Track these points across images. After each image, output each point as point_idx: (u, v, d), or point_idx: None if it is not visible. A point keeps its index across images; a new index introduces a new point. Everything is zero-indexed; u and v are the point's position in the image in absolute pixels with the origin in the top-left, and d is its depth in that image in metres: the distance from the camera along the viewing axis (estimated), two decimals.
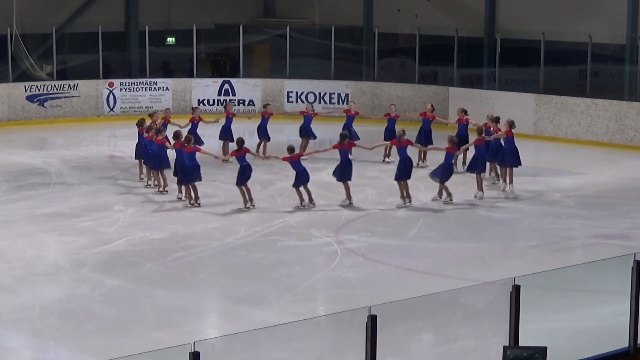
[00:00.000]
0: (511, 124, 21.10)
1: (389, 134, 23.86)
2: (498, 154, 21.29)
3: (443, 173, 20.01)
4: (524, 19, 31.31)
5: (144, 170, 21.92)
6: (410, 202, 19.71)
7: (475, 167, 20.80)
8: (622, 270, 10.97)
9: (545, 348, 9.54)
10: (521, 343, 10.08)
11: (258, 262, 16.40)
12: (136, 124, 22.40)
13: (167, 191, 20.70)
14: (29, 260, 16.28)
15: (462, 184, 20.98)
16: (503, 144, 21.20)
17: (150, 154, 21.29)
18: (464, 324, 11.28)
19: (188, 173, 19.87)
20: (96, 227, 18.23)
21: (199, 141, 22.23)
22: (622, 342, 10.93)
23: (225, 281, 15.64)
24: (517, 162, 21.14)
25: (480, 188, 20.58)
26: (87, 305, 14.23)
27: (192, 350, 8.38)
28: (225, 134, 24.44)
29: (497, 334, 10.42)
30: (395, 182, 19.80)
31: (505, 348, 9.79)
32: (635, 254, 10.81)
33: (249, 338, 10.09)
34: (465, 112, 23.62)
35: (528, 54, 30.18)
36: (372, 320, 9.23)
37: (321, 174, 22.09)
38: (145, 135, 21.55)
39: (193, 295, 14.88)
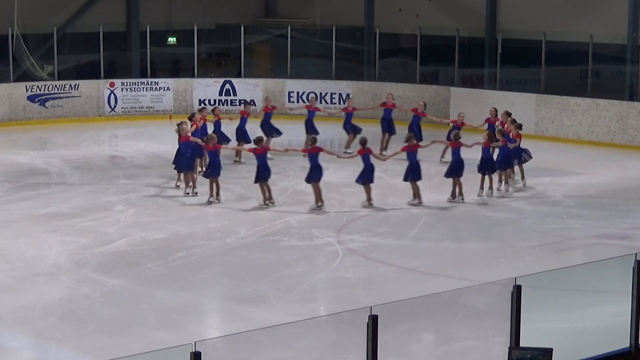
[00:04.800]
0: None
1: (387, 125, 24.91)
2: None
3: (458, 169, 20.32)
4: (525, 19, 31.31)
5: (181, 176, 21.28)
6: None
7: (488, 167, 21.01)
8: (623, 271, 10.98)
9: (551, 350, 9.53)
10: (522, 343, 10.08)
11: (259, 262, 16.40)
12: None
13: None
14: (30, 260, 16.29)
15: (464, 184, 20.96)
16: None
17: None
18: (465, 324, 11.28)
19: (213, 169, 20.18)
20: (97, 227, 18.23)
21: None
22: (623, 342, 10.93)
23: (226, 281, 15.65)
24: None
25: (490, 187, 20.77)
26: (88, 305, 14.23)
27: (193, 351, 8.39)
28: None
29: (499, 334, 10.43)
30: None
31: (511, 349, 9.79)
32: (636, 254, 10.81)
33: (250, 338, 10.10)
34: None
35: (529, 54, 30.20)
36: (373, 321, 9.23)
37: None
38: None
39: (194, 295, 14.87)
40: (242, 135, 23.98)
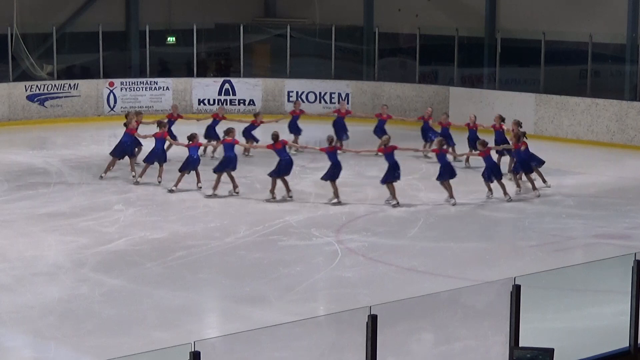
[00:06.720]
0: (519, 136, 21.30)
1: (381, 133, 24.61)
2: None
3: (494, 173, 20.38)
4: (525, 19, 31.32)
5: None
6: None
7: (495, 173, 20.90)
8: (622, 270, 10.97)
9: (552, 350, 9.53)
10: (522, 343, 10.07)
11: (258, 261, 16.39)
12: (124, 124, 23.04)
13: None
14: (30, 260, 16.28)
15: (462, 184, 20.96)
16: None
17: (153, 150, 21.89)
18: (464, 323, 11.29)
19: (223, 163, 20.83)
20: (96, 227, 18.23)
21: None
22: (622, 341, 10.93)
23: (226, 281, 15.64)
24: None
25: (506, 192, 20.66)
26: (87, 304, 14.24)
27: (193, 350, 8.39)
28: (209, 133, 24.57)
29: (498, 333, 10.43)
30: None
31: (511, 349, 9.78)
32: (635, 254, 10.81)
33: (249, 338, 10.09)
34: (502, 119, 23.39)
35: (528, 53, 30.19)
36: (373, 320, 9.23)
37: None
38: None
39: (193, 294, 14.88)
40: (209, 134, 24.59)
